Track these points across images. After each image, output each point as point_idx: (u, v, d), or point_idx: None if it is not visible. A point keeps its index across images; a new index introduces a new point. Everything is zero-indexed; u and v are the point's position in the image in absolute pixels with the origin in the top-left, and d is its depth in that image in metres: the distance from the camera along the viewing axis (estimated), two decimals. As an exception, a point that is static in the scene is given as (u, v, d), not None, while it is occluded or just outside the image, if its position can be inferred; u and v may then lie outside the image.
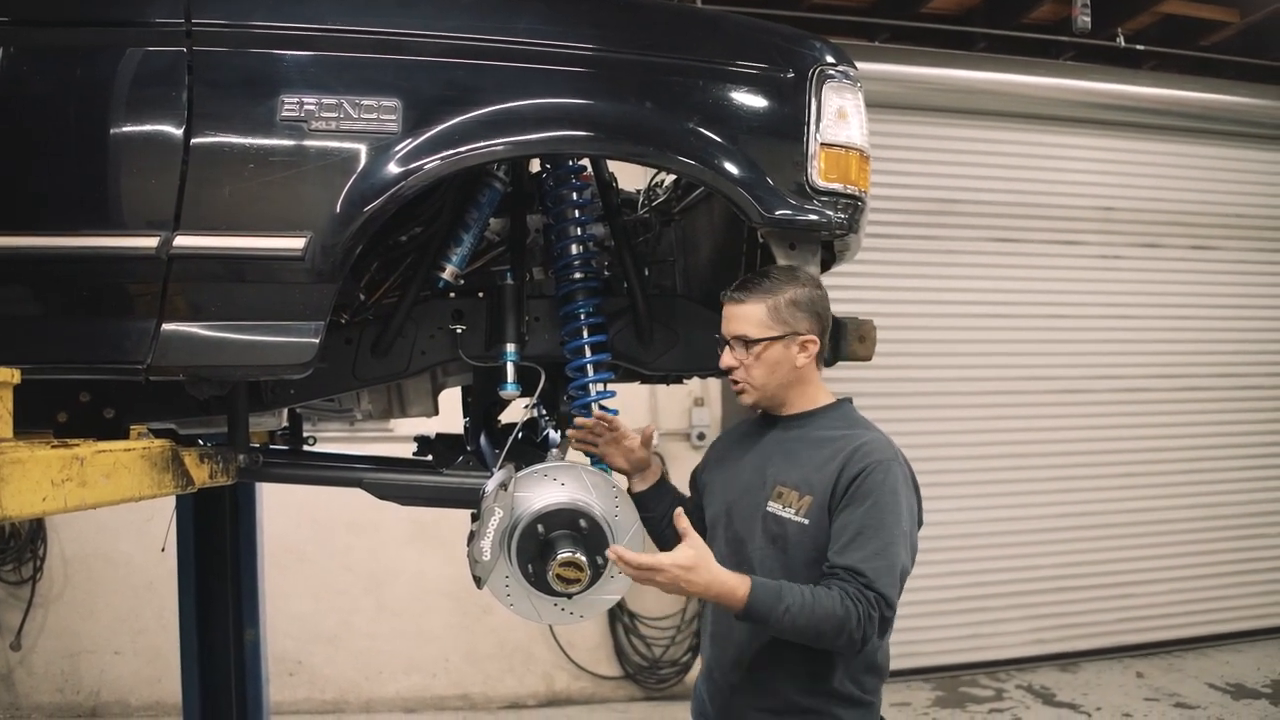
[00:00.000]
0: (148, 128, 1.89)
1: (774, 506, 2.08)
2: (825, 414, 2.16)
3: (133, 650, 5.65)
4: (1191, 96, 6.67)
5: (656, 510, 2.34)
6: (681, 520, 1.96)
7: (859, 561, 1.93)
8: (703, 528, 2.25)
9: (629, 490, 2.36)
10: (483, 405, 2.54)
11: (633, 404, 5.42)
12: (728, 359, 2.15)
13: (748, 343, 2.10)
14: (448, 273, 2.29)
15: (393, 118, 1.92)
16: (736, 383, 2.16)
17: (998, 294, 6.62)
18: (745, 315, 2.10)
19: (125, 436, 2.05)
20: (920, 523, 2.10)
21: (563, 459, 2.28)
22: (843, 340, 2.26)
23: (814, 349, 2.12)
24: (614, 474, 2.33)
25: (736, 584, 1.90)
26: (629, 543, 2.09)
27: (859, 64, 2.23)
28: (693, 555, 1.89)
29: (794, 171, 2.09)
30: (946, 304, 6.50)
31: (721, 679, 2.18)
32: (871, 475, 1.99)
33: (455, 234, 2.30)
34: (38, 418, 1.98)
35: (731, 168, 2.06)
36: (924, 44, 6.37)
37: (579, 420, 2.31)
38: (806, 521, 2.03)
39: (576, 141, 2.09)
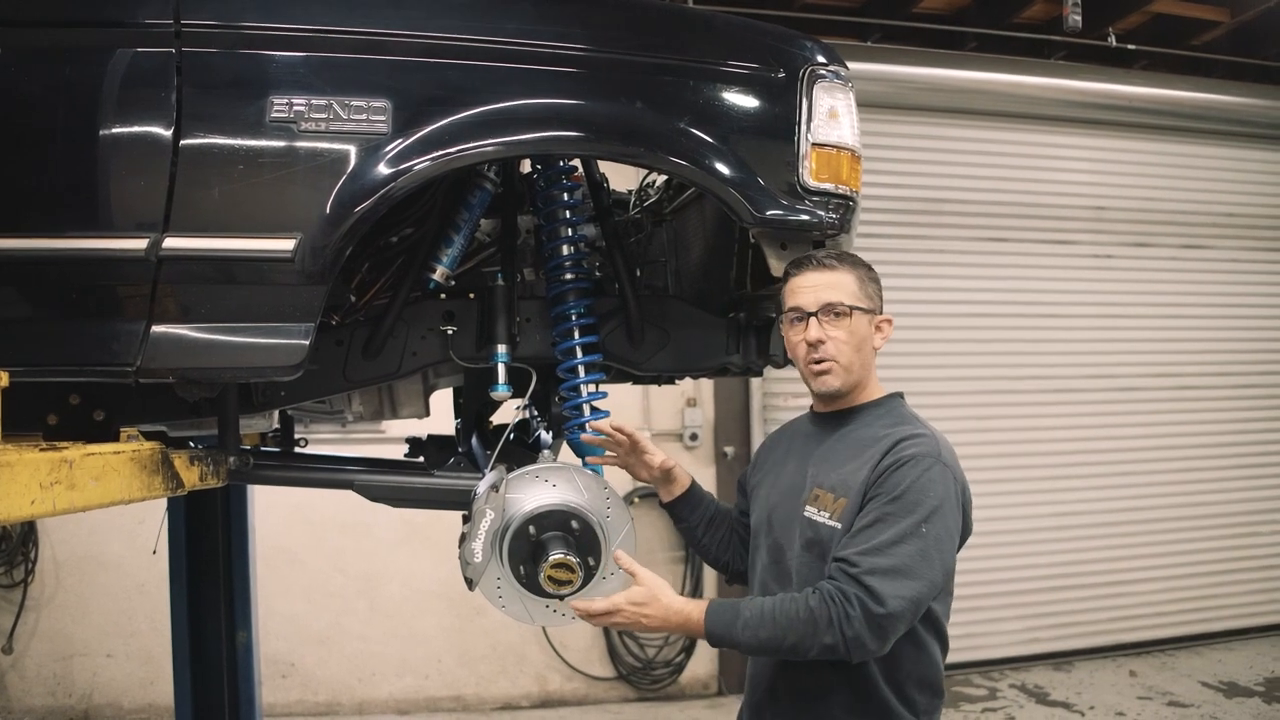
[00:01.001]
0: (137, 129, 1.88)
1: (810, 511, 1.95)
2: (872, 410, 2.01)
3: (125, 653, 5.63)
4: (1182, 96, 6.71)
5: (690, 519, 2.32)
6: (624, 559, 1.96)
7: (855, 553, 1.78)
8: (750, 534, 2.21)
9: (660, 502, 2.37)
10: (474, 407, 2.53)
11: (625, 405, 5.42)
12: (816, 331, 1.94)
13: (842, 311, 1.93)
14: (438, 274, 2.28)
15: (383, 118, 1.91)
16: (820, 362, 1.96)
17: (989, 294, 6.64)
18: (839, 283, 1.96)
19: (115, 439, 2.04)
20: (963, 540, 1.92)
21: (554, 460, 2.28)
22: None
23: (889, 332, 2.01)
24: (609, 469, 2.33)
25: (693, 609, 1.84)
26: (620, 544, 2.07)
27: (850, 64, 2.23)
28: (644, 591, 1.86)
29: (785, 171, 2.08)
30: (938, 304, 6.51)
31: (770, 717, 2.04)
32: (904, 469, 1.83)
33: (446, 235, 2.29)
34: (27, 420, 1.97)
35: (722, 168, 2.05)
36: (915, 44, 6.39)
37: (595, 425, 2.27)
38: (839, 526, 1.88)
39: (567, 142, 2.08)
